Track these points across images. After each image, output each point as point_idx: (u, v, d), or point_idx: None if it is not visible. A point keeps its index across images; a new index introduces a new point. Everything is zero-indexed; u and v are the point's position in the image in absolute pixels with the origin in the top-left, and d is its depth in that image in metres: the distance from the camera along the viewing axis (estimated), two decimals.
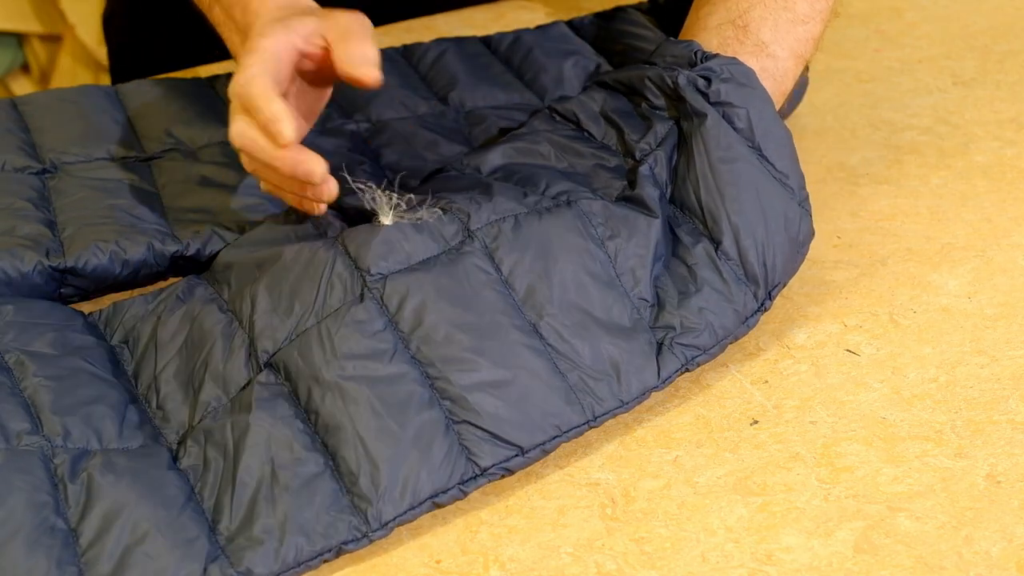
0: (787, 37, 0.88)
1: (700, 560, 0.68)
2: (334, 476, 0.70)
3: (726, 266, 0.79)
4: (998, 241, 0.91)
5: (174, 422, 0.75)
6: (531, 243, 0.77)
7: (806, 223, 0.82)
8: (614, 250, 0.79)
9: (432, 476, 0.70)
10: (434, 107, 1.01)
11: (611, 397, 0.74)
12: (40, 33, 2.01)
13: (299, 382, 0.73)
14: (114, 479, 0.69)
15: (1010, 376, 0.79)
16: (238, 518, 0.68)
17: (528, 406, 0.72)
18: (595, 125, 0.87)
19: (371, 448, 0.70)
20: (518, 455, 0.72)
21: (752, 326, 0.79)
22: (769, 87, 0.85)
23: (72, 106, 0.99)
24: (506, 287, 0.76)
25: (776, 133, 0.82)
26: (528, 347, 0.74)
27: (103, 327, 0.81)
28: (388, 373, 0.72)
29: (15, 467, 0.69)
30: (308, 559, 0.67)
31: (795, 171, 0.82)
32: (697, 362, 0.77)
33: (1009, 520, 0.70)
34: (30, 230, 0.85)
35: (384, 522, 0.69)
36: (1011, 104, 1.07)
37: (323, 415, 0.71)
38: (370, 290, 0.75)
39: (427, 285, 0.75)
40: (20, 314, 0.79)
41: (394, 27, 1.19)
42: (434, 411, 0.71)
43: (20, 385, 0.75)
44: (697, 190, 0.81)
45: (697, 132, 0.82)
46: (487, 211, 0.78)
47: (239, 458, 0.70)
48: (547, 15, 1.19)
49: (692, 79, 0.83)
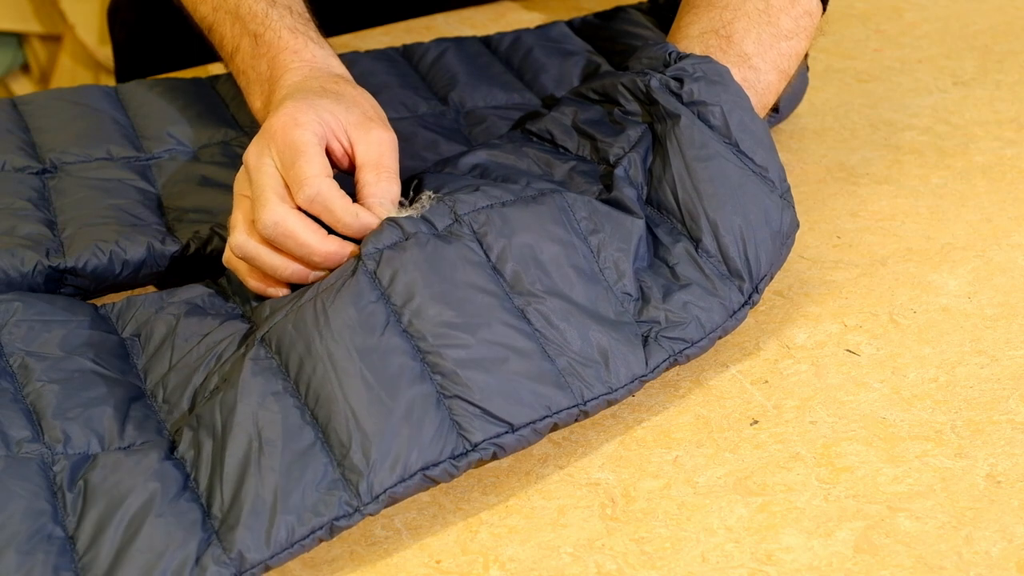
0: (770, 51, 0.88)
1: (700, 560, 0.68)
2: (324, 449, 0.69)
3: (708, 263, 0.79)
4: (998, 241, 0.91)
5: (177, 413, 0.75)
6: (517, 230, 0.77)
7: (789, 215, 0.82)
8: (597, 245, 0.79)
9: (423, 450, 0.69)
10: (434, 107, 1.01)
11: (599, 382, 0.74)
12: (40, 33, 2.01)
13: (290, 354, 0.73)
14: (109, 481, 0.69)
15: (1010, 376, 0.79)
16: (227, 500, 0.68)
17: (518, 385, 0.72)
18: (569, 139, 0.87)
19: (362, 419, 0.70)
20: (508, 432, 0.71)
21: (741, 319, 0.79)
22: (751, 99, 0.85)
23: (72, 106, 0.99)
24: (495, 272, 0.76)
25: (752, 127, 0.83)
26: (517, 330, 0.74)
27: (115, 320, 0.81)
28: (380, 345, 0.72)
29: (15, 474, 0.69)
30: (300, 539, 0.67)
31: (774, 164, 0.83)
32: (686, 355, 0.77)
33: (1009, 520, 0.70)
34: (30, 230, 0.85)
35: (375, 495, 0.68)
36: (1011, 104, 1.07)
37: (313, 386, 0.71)
38: (364, 264, 0.75)
39: (420, 261, 0.75)
40: (28, 311, 0.79)
41: (394, 27, 1.19)
42: (425, 385, 0.71)
43: (23, 391, 0.75)
44: (674, 190, 0.81)
45: (671, 133, 0.82)
46: (474, 197, 0.78)
47: (226, 438, 0.70)
48: (547, 15, 1.19)
49: (664, 81, 0.84)
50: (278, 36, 0.86)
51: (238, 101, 1.00)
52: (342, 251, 0.76)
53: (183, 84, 1.02)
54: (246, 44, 0.88)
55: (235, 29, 0.89)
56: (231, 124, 0.98)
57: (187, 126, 0.97)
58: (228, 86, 1.02)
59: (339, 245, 0.76)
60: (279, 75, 0.85)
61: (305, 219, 0.76)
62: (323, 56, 0.87)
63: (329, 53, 0.88)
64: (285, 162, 0.77)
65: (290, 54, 0.85)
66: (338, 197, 0.76)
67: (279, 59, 0.85)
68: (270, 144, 0.78)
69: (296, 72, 0.84)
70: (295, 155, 0.76)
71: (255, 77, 0.87)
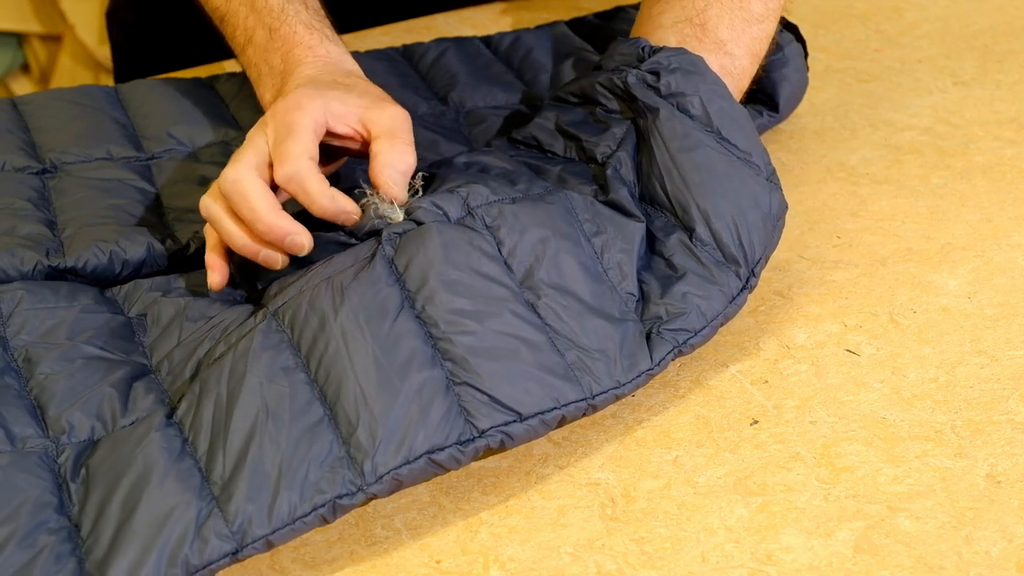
0: (743, 36, 0.88)
1: (700, 560, 0.68)
2: (331, 425, 0.69)
3: (703, 252, 0.80)
4: (998, 241, 0.91)
5: (179, 381, 0.75)
6: (529, 226, 0.78)
7: (776, 196, 0.82)
8: (600, 246, 0.79)
9: (429, 433, 0.69)
10: (434, 107, 1.01)
11: (608, 377, 0.74)
12: (40, 33, 2.02)
13: (304, 329, 0.73)
14: (107, 463, 0.69)
15: (1010, 376, 0.79)
16: (229, 469, 0.68)
17: (528, 376, 0.72)
18: (555, 142, 0.87)
19: (371, 399, 0.70)
20: (516, 420, 0.71)
21: (741, 304, 0.79)
22: (728, 85, 0.85)
23: (72, 106, 0.99)
24: (506, 265, 0.76)
25: (732, 114, 0.83)
26: (528, 322, 0.74)
27: (122, 302, 0.82)
28: (394, 328, 0.72)
29: (20, 469, 0.69)
30: (302, 515, 0.67)
31: (757, 148, 0.83)
32: (690, 344, 0.77)
33: (1009, 520, 0.70)
34: (30, 230, 0.85)
35: (379, 475, 0.68)
36: (1011, 104, 1.07)
37: (325, 363, 0.71)
38: (383, 248, 0.75)
39: (436, 248, 0.75)
40: (31, 299, 0.79)
41: (394, 27, 1.19)
42: (436, 370, 0.72)
43: (27, 386, 0.75)
44: (662, 183, 0.81)
45: (653, 127, 0.82)
46: (485, 192, 0.79)
47: (232, 407, 0.70)
48: (547, 15, 1.19)
49: (641, 76, 0.84)
50: (293, 31, 0.87)
51: (238, 101, 1.00)
52: (289, 229, 0.75)
53: (183, 84, 1.02)
54: (260, 37, 0.88)
55: (249, 21, 0.89)
56: (231, 124, 0.98)
57: (187, 126, 0.97)
58: (228, 86, 1.02)
59: (288, 223, 0.76)
60: (292, 68, 0.85)
61: (266, 189, 0.76)
62: (337, 53, 0.87)
63: (343, 51, 0.88)
64: (276, 139, 0.77)
65: (305, 49, 0.86)
66: (316, 178, 0.76)
67: (293, 53, 0.86)
68: (269, 122, 0.79)
69: (310, 66, 0.84)
70: (287, 134, 0.77)
71: (267, 70, 0.87)
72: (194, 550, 0.65)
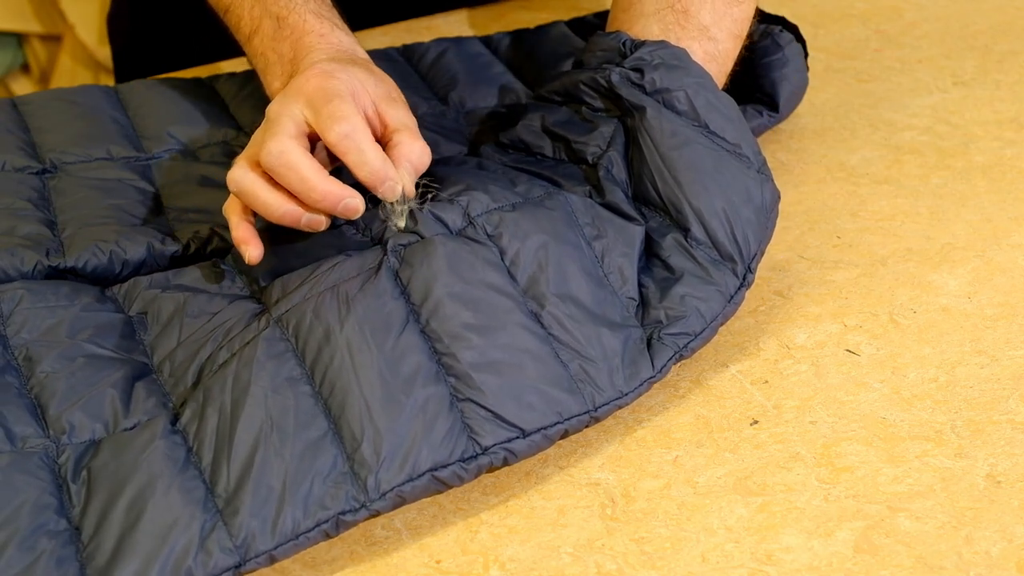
0: (724, 19, 0.88)
1: (700, 560, 0.68)
2: (335, 440, 0.69)
3: (699, 251, 0.79)
4: (998, 241, 0.91)
5: (182, 386, 0.75)
6: (531, 233, 0.77)
7: (768, 188, 0.82)
8: (601, 250, 0.79)
9: (433, 450, 0.69)
10: (434, 107, 1.01)
11: (610, 387, 0.74)
12: (40, 33, 2.01)
13: (308, 339, 0.72)
14: (111, 467, 0.69)
15: (1010, 376, 0.79)
16: (233, 482, 0.67)
17: (531, 390, 0.72)
18: (543, 143, 0.87)
19: (376, 414, 0.69)
20: (519, 437, 0.71)
21: (739, 303, 0.79)
22: (713, 71, 0.85)
23: (72, 106, 0.99)
24: (509, 274, 0.76)
25: (718, 106, 0.83)
26: (532, 333, 0.74)
27: (122, 300, 0.81)
28: (399, 342, 0.72)
29: (20, 469, 0.69)
30: (306, 531, 0.67)
31: (746, 139, 0.82)
32: (691, 348, 0.77)
33: (1009, 520, 0.70)
34: (30, 230, 0.85)
35: (383, 492, 0.68)
36: (1011, 104, 1.07)
37: (330, 376, 0.71)
38: (388, 260, 0.75)
39: (439, 260, 0.75)
40: (31, 298, 0.79)
41: (394, 27, 1.19)
42: (440, 386, 0.71)
43: (27, 385, 0.75)
44: (654, 183, 0.81)
45: (641, 126, 0.82)
46: (485, 199, 0.78)
47: (237, 418, 0.70)
48: (547, 15, 1.19)
49: (625, 74, 0.84)
50: (303, 20, 0.86)
51: (238, 101, 1.00)
52: (342, 193, 0.74)
53: (183, 84, 1.02)
54: (267, 26, 0.87)
55: (255, 11, 0.88)
56: (231, 124, 0.98)
57: (187, 126, 0.97)
58: (228, 86, 1.02)
59: (340, 188, 0.74)
60: (303, 55, 0.84)
61: (311, 157, 0.75)
62: (348, 42, 0.86)
63: (354, 40, 0.87)
64: (318, 104, 0.75)
65: (316, 37, 0.85)
66: (371, 139, 0.75)
67: (304, 41, 0.85)
68: (298, 96, 0.77)
69: (322, 52, 0.83)
70: (331, 96, 0.75)
71: (276, 59, 0.86)
72: (198, 563, 0.65)
